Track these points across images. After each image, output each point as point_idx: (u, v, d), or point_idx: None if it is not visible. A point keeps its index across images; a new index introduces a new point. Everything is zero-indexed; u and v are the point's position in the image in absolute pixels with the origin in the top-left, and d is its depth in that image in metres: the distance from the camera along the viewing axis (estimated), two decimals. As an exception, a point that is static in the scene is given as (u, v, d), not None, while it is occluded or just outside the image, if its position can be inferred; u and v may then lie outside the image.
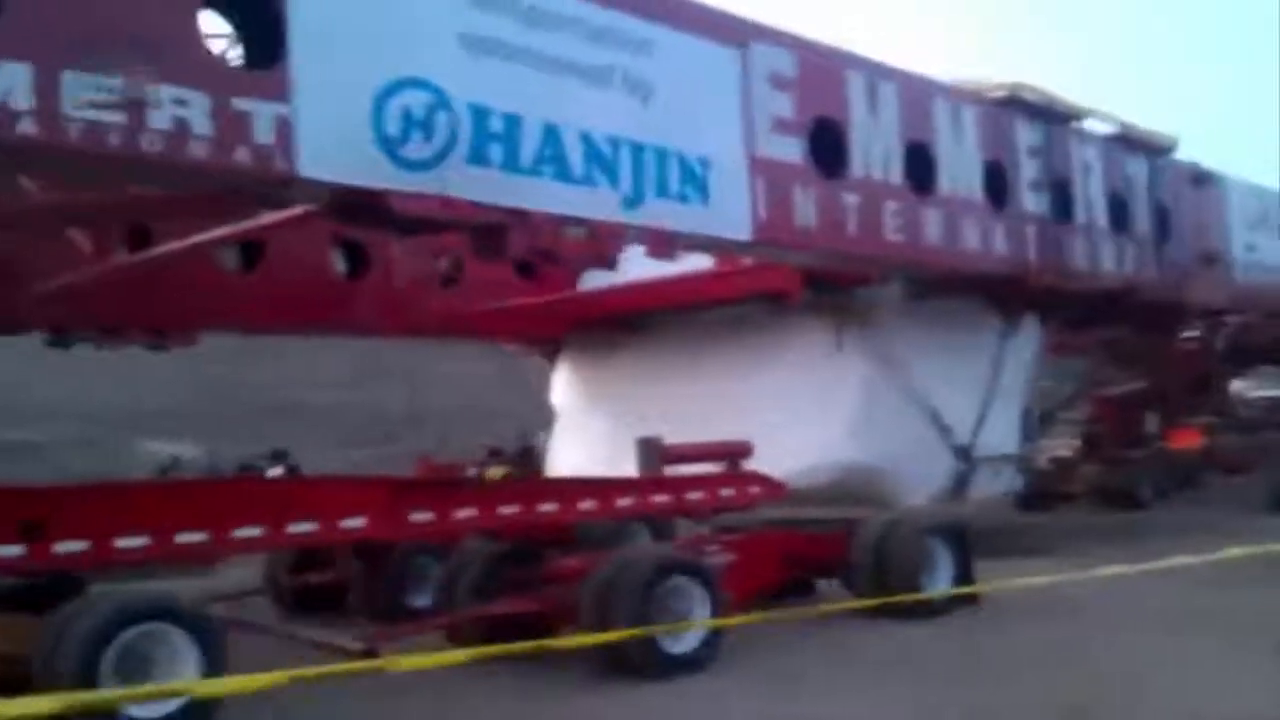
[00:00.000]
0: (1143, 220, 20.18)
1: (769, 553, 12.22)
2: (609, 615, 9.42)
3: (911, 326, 17.74)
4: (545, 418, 22.55)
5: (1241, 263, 23.30)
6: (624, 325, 20.91)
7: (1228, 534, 16.77)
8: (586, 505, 10.53)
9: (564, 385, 22.41)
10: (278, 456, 25.77)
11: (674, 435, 19.74)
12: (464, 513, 9.77)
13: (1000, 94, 17.43)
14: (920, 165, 15.90)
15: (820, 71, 14.58)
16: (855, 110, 14.93)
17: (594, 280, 19.97)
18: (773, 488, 12.26)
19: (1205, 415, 30.38)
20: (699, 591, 9.85)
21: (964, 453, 17.86)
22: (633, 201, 12.17)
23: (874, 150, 15.14)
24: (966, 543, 12.58)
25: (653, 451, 11.61)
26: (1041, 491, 24.86)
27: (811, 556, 12.43)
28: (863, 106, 15.05)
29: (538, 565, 10.48)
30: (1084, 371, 24.89)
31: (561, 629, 9.97)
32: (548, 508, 10.28)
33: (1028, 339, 18.45)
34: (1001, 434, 18.26)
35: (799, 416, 17.94)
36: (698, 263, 17.25)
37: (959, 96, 16.71)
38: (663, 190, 12.44)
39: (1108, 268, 19.19)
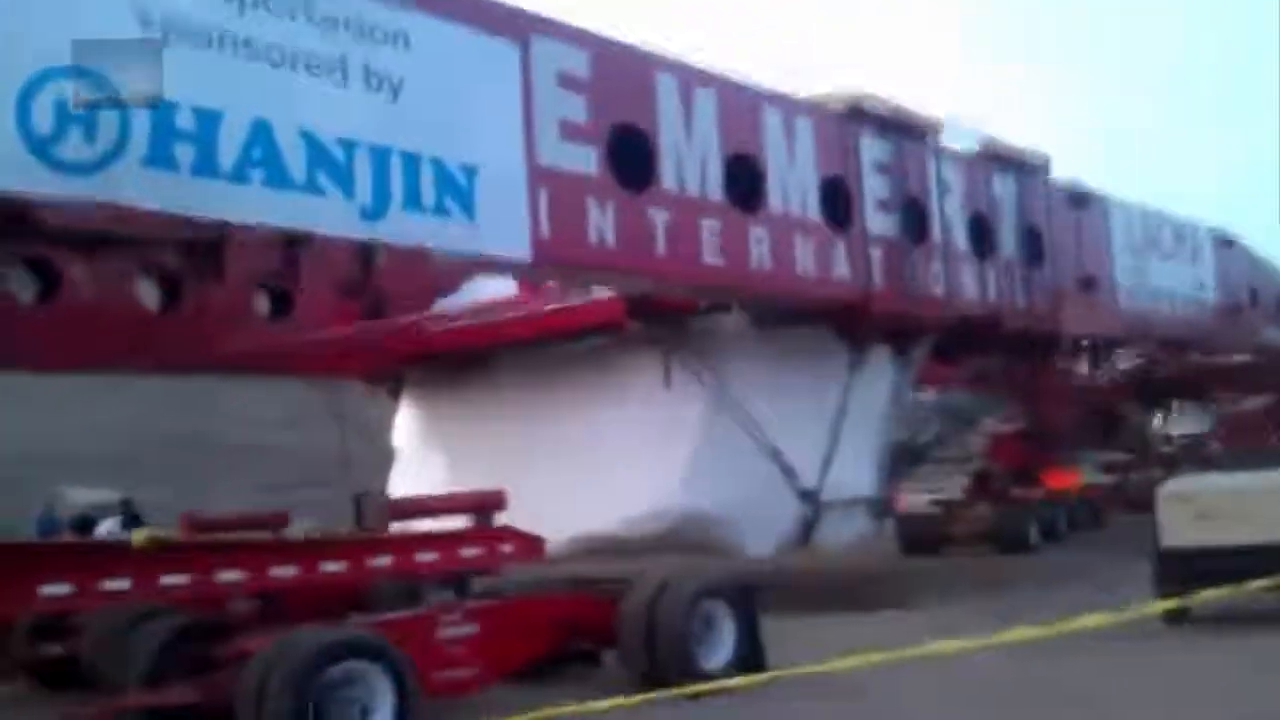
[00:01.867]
0: (1010, 242, 18.82)
1: (529, 621, 10.51)
2: (261, 712, 7.73)
3: (752, 359, 16.16)
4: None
5: (1127, 288, 22.03)
6: (466, 361, 19.23)
7: (1102, 584, 15.41)
8: (280, 572, 8.82)
9: (404, 424, 20.70)
10: (124, 505, 23.79)
11: (509, 481, 18.33)
12: (114, 584, 8.05)
13: (842, 105, 15.98)
14: (745, 180, 14.39)
15: (622, 73, 13.05)
16: (665, 117, 13.40)
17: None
18: (528, 546, 10.59)
19: (1114, 451, 29.20)
20: (381, 680, 8.17)
21: (810, 496, 16.26)
22: (373, 213, 10.50)
23: (688, 162, 13.61)
24: (753, 607, 10.95)
25: (376, 506, 9.93)
26: (926, 534, 23.42)
27: (584, 623, 10.75)
28: (674, 113, 13.52)
29: (220, 644, 8.76)
30: (961, 407, 23.45)
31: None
32: (229, 576, 8.56)
33: (880, 371, 16.93)
34: (852, 475, 16.68)
35: (631, 459, 16.31)
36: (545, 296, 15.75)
37: (793, 107, 15.23)
38: (413, 201, 10.79)
39: (968, 293, 17.77)
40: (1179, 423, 32.48)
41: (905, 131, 16.82)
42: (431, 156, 10.95)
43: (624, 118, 12.96)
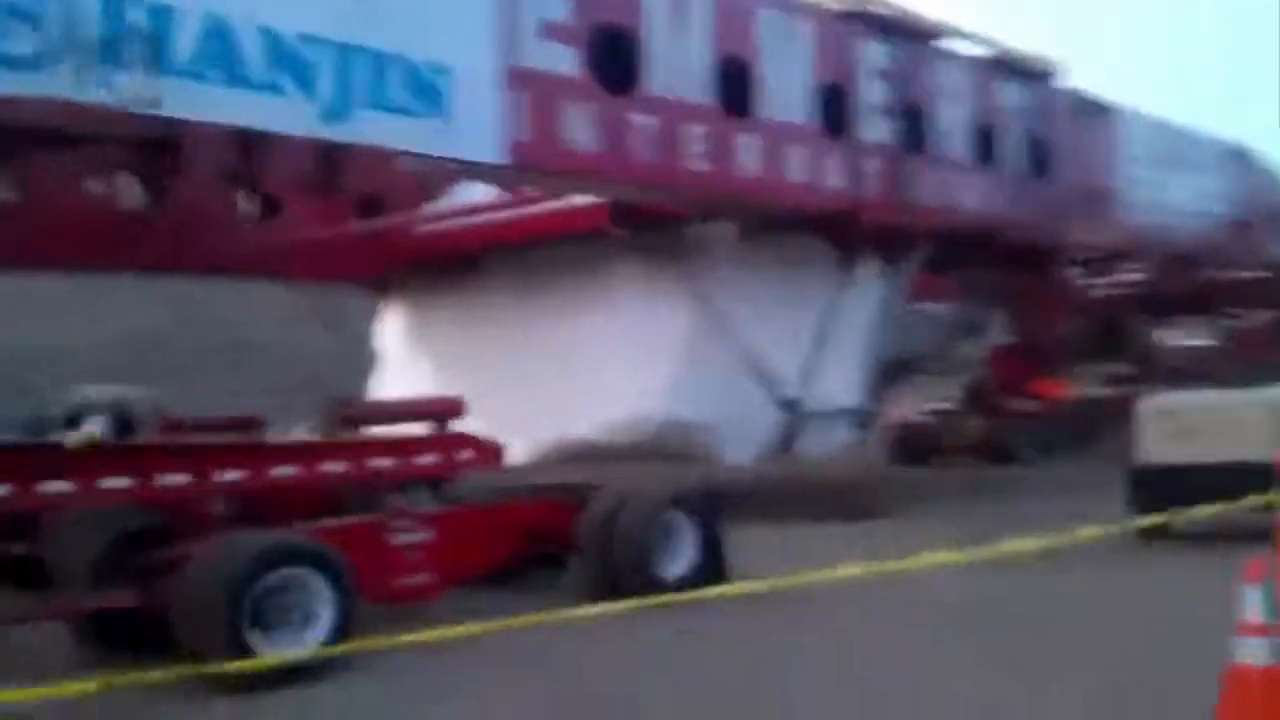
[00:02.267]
0: (1014, 153, 18.37)
1: (488, 527, 10.43)
2: (197, 618, 7.68)
3: (738, 268, 15.87)
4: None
5: (1135, 201, 21.56)
6: (455, 264, 18.98)
7: (1086, 499, 15.25)
8: (226, 476, 8.72)
9: (390, 329, 20.55)
10: (115, 406, 23.73)
11: (495, 386, 18.23)
12: (53, 486, 7.96)
13: (842, 6, 15.48)
14: (735, 84, 14.00)
15: (610, -30, 12.61)
16: (651, 17, 12.98)
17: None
18: (486, 453, 10.45)
19: (1116, 364, 28.90)
20: (321, 586, 8.09)
21: (791, 405, 16.08)
22: (335, 113, 10.22)
23: (675, 65, 13.21)
24: (717, 518, 10.84)
25: (331, 411, 9.79)
26: (918, 445, 23.31)
27: (546, 530, 10.66)
28: (661, 13, 13.09)
29: (164, 548, 8.69)
30: (958, 319, 23.12)
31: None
32: (172, 479, 8.46)
33: (869, 282, 16.62)
34: (836, 386, 16.46)
35: (614, 366, 16.15)
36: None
37: (791, 7, 14.75)
38: (379, 101, 10.49)
39: (968, 204, 17.39)
40: (1187, 337, 32.13)
41: (908, 35, 16.32)
42: (400, 55, 10.61)
43: (608, 17, 12.56)
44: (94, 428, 21.09)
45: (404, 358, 20.07)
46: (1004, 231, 17.95)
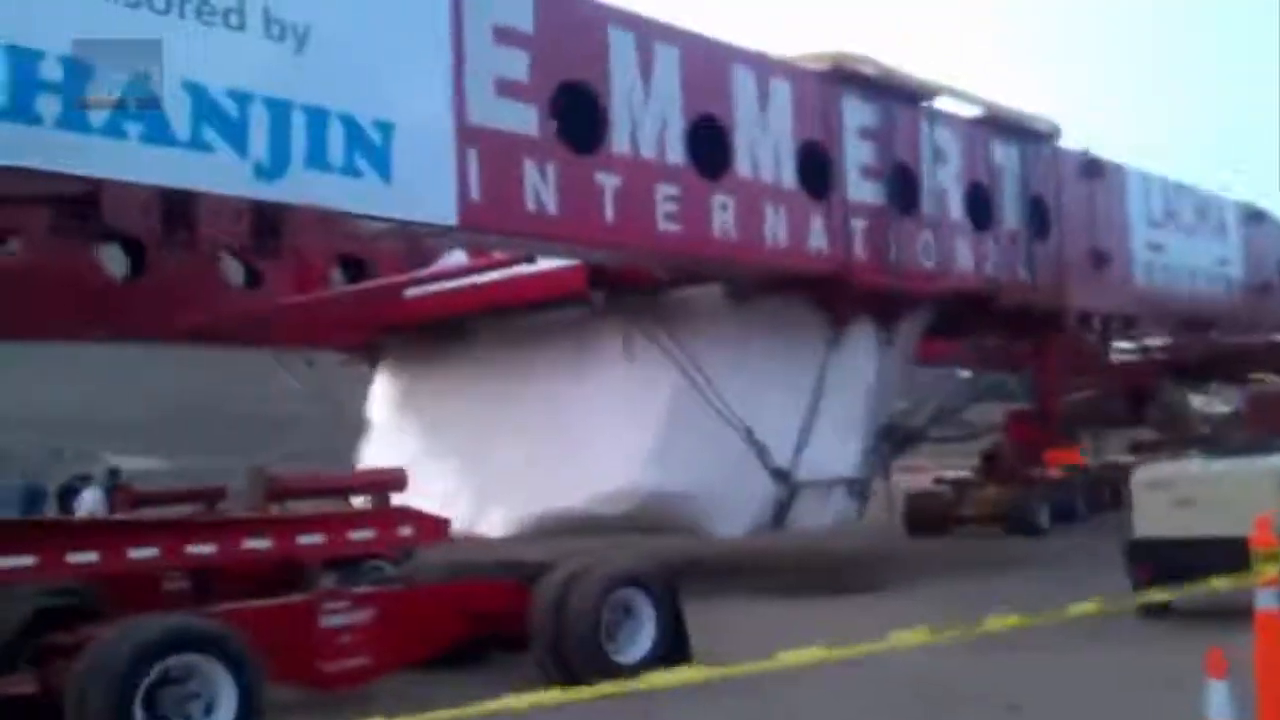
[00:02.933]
0: (1011, 214, 17.82)
1: (431, 608, 9.80)
2: (88, 707, 7.09)
3: (724, 332, 15.36)
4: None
5: (1144, 263, 20.94)
6: (442, 330, 18.59)
7: (1104, 563, 14.51)
8: (138, 554, 8.17)
9: (378, 394, 20.17)
10: (111, 475, 23.39)
11: (479, 455, 17.75)
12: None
13: (825, 66, 15.06)
14: (710, 144, 13.56)
15: (570, 27, 12.24)
16: (619, 76, 12.57)
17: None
18: (430, 528, 9.84)
19: (1142, 430, 28.12)
20: (220, 674, 7.47)
21: (783, 476, 15.43)
22: (270, 171, 9.78)
23: (644, 124, 12.78)
24: (676, 597, 10.16)
25: (258, 482, 9.24)
26: (933, 514, 22.55)
27: (497, 611, 10.02)
28: (630, 72, 12.68)
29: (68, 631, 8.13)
30: (968, 385, 22.41)
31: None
32: (79, 558, 7.91)
33: (862, 346, 16.01)
34: (831, 454, 15.79)
35: (597, 436, 15.64)
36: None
37: (768, 67, 14.33)
38: (318, 160, 10.05)
39: (962, 266, 16.82)
40: (1218, 402, 31.27)
41: (895, 95, 15.86)
42: (341, 112, 10.20)
43: (571, 75, 12.15)
44: (93, 504, 20.77)
45: (391, 425, 19.69)
46: (1003, 294, 17.33)
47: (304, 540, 9.17)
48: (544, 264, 15.02)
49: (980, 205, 17.21)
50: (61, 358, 25.45)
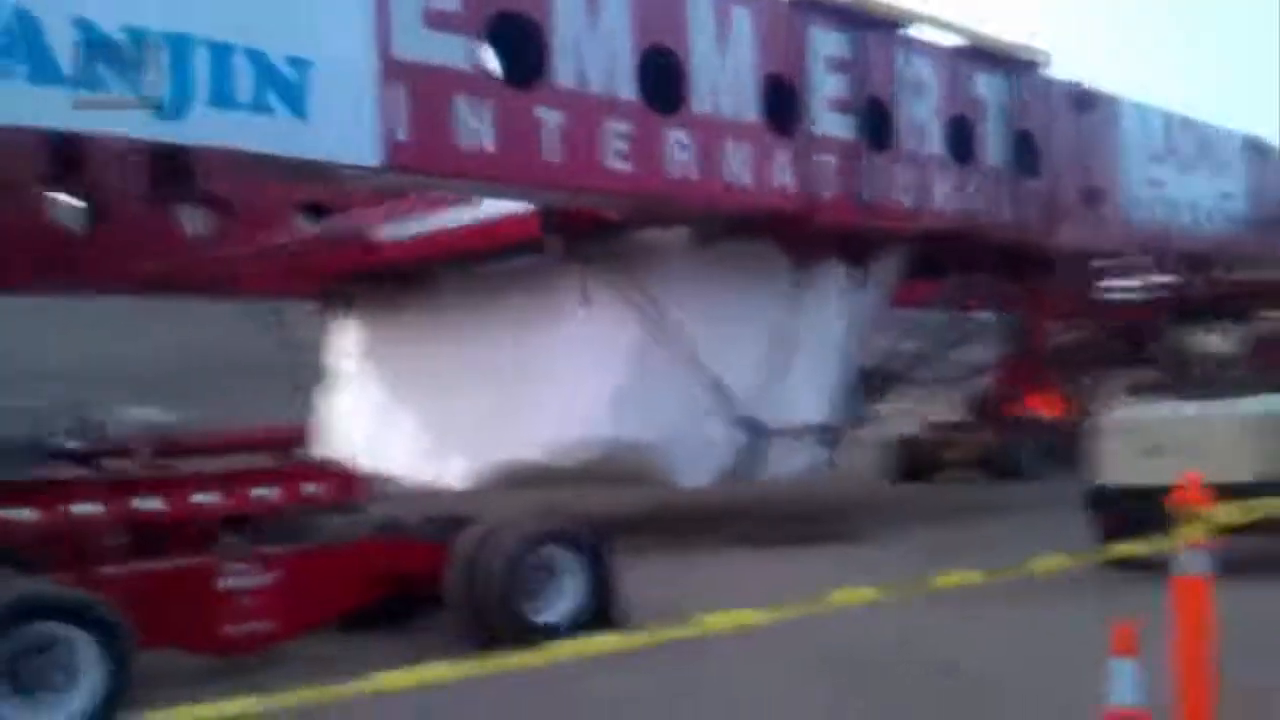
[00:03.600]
0: (996, 148, 17.11)
1: (340, 568, 9.37)
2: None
3: (686, 276, 14.78)
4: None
5: (1140, 200, 20.20)
6: (409, 278, 18.09)
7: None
8: (17, 514, 7.77)
9: (345, 343, 19.74)
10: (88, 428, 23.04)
11: (443, 406, 17.30)
12: None
13: (793, -7, 14.36)
14: (662, 77, 12.94)
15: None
16: (560, 4, 11.93)
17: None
18: (344, 485, 9.40)
19: (1142, 373, 27.38)
20: (85, 643, 7.06)
21: (750, 424, 14.94)
22: (170, 111, 9.26)
23: (589, 56, 12.17)
24: (604, 554, 9.70)
25: (144, 442, 8.79)
26: (918, 460, 22.02)
27: (411, 571, 9.59)
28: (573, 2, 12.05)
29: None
30: (951, 327, 21.66)
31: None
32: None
33: (832, 288, 15.43)
34: (800, 401, 15.29)
35: (557, 384, 15.14)
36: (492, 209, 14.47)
37: (729, -4, 13.66)
38: (223, 98, 9.52)
39: (943, 204, 16.17)
40: (1216, 344, 30.34)
41: (868, 23, 15.15)
42: (249, 47, 9.66)
43: (507, 4, 11.54)
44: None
45: (358, 374, 19.29)
46: (987, 233, 16.68)
47: (200, 499, 8.75)
48: (495, 209, 14.51)
49: (961, 140, 16.52)
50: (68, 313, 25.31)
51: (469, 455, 16.18)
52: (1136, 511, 10.58)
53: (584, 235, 14.41)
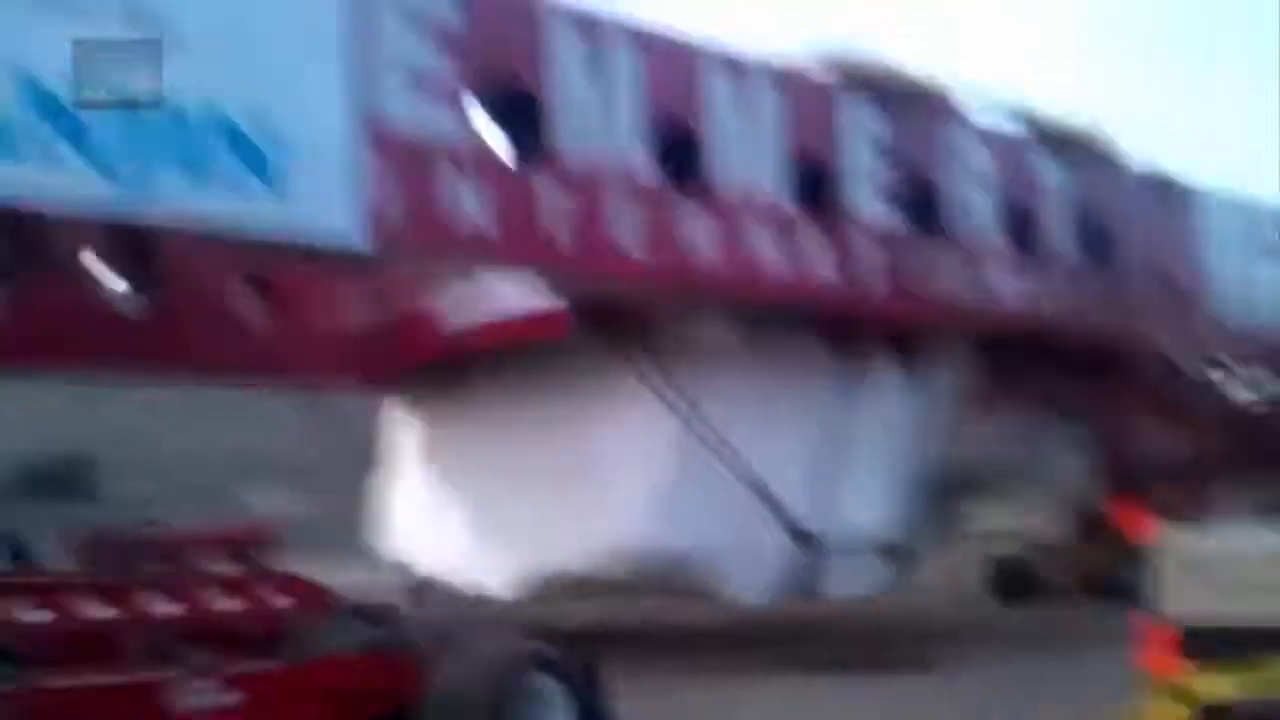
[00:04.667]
0: (1064, 238, 16.01)
1: (315, 687, 8.35)
2: None
3: (729, 373, 13.80)
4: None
5: (1226, 295, 18.78)
6: (459, 370, 17.38)
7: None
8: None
9: (398, 437, 19.10)
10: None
11: (487, 503, 16.41)
12: None
13: (827, 68, 13.62)
14: (683, 155, 12.22)
15: (504, 17, 11.02)
16: (563, 74, 11.30)
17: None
18: (309, 596, 8.44)
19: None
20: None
21: (804, 536, 13.75)
22: (132, 182, 8.69)
23: (597, 131, 11.48)
24: (597, 683, 8.56)
25: (80, 541, 7.99)
26: (1016, 578, 20.47)
27: (391, 692, 8.55)
28: (576, 70, 11.40)
29: None
30: (1034, 432, 20.21)
31: None
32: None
33: (887, 389, 14.32)
34: (859, 511, 14.05)
35: (594, 489, 14.18)
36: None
37: (745, 66, 12.88)
38: (191, 172, 8.94)
39: (1004, 297, 15.06)
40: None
41: (917, 103, 14.31)
42: (216, 117, 9.10)
43: (505, 72, 10.94)
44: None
45: (408, 471, 18.58)
46: (1058, 330, 15.46)
47: (157, 609, 7.87)
48: (525, 300, 13.81)
49: (1024, 228, 15.46)
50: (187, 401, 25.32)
51: (511, 561, 15.23)
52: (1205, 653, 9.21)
53: (618, 329, 13.57)
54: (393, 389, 18.82)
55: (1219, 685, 5.35)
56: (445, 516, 17.12)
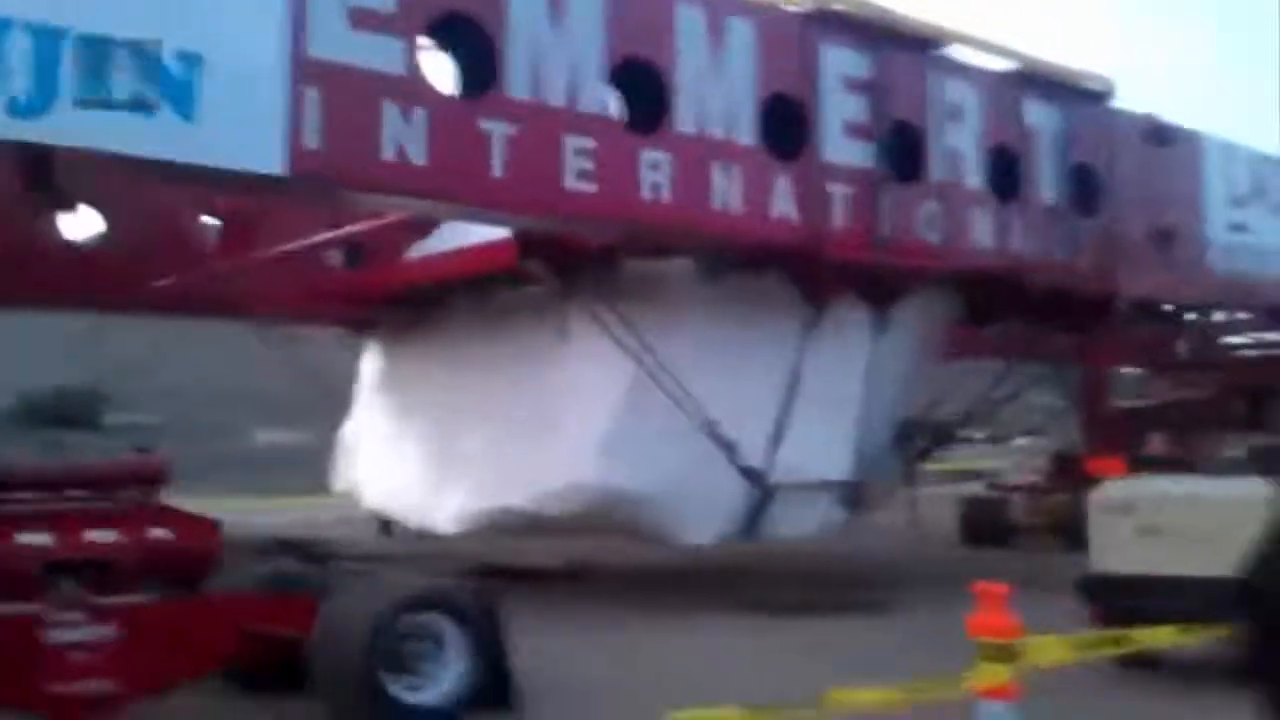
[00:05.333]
0: (1048, 183, 15.54)
1: (199, 623, 8.27)
2: None
3: (686, 313, 13.54)
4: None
5: (1222, 244, 18.33)
6: (424, 305, 17.23)
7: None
8: None
9: (364, 372, 19.03)
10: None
11: (444, 440, 16.31)
12: None
13: (804, 5, 13.10)
14: (642, 92, 11.80)
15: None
16: (515, 7, 10.85)
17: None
18: (192, 531, 8.27)
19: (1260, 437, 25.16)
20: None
21: (756, 476, 13.55)
22: (27, 108, 8.38)
23: (550, 65, 11.05)
24: (496, 624, 8.42)
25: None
26: (988, 523, 20.25)
27: (274, 629, 8.42)
28: (532, 3, 10.96)
29: None
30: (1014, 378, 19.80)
31: None
32: None
33: (852, 333, 13.97)
34: (814, 453, 13.79)
35: (544, 428, 14.03)
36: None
37: (724, 4, 12.45)
38: (95, 92, 8.62)
39: (979, 242, 14.66)
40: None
41: (897, 43, 13.79)
42: (129, 40, 8.75)
43: (451, 4, 10.51)
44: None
45: (370, 405, 18.56)
46: (1033, 275, 15.08)
47: (26, 540, 7.73)
48: (476, 235, 13.52)
49: (1006, 172, 14.99)
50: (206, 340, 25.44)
51: (458, 497, 15.15)
52: (1128, 604, 9.04)
53: (568, 265, 13.28)
54: (355, 327, 18.77)
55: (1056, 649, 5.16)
56: (401, 452, 17.10)
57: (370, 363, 18.75)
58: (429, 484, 15.86)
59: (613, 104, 11.78)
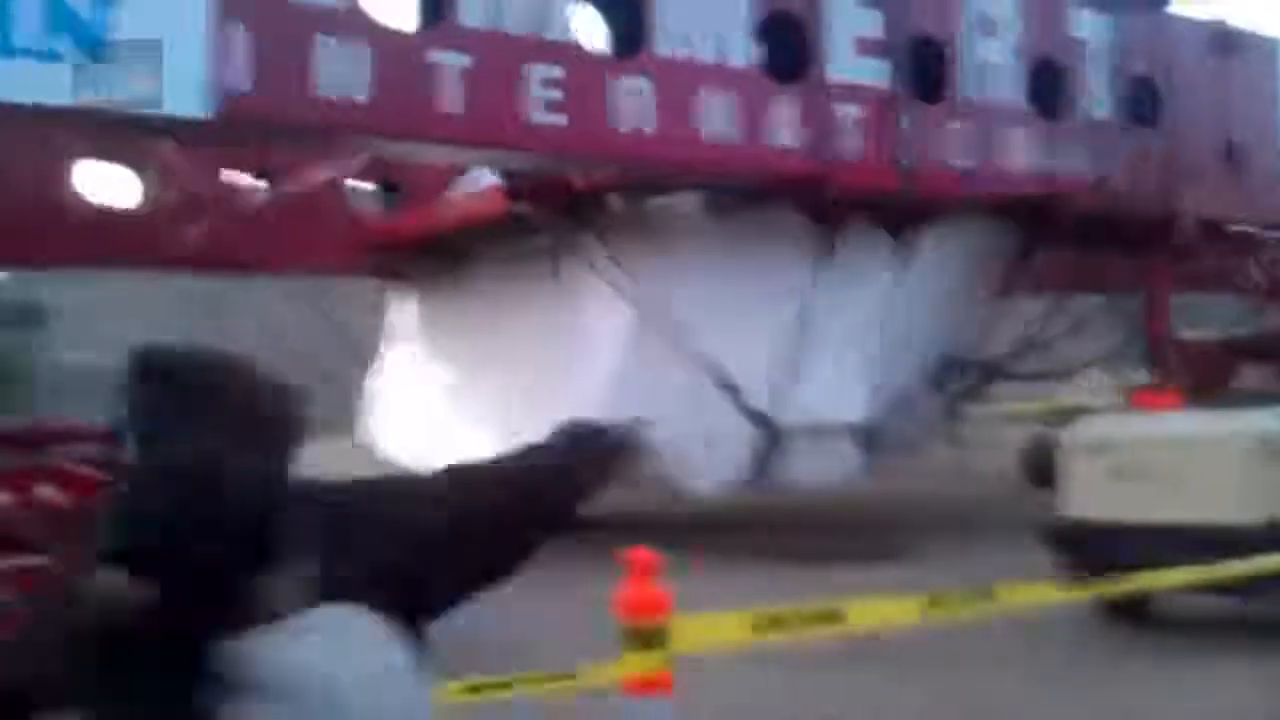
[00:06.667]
0: (1100, 99, 14.29)
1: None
2: None
3: (688, 252, 12.74)
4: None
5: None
6: (447, 257, 16.64)
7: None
8: None
9: (391, 322, 18.57)
10: None
11: (463, 390, 15.82)
12: None
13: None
14: (618, 11, 10.95)
15: None
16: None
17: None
18: (80, 487, 7.79)
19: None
20: None
21: (762, 421, 12.75)
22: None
23: (513, -12, 10.25)
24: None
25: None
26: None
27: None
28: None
29: None
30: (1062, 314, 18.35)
31: None
32: None
33: (869, 265, 12.99)
34: (829, 395, 12.92)
35: (545, 378, 13.36)
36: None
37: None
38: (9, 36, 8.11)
39: (1016, 165, 13.54)
40: None
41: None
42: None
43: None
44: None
45: (396, 357, 18.11)
46: (1080, 199, 13.89)
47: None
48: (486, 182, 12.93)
49: (1050, 87, 13.80)
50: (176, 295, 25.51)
51: (470, 450, 14.62)
52: (1098, 552, 8.20)
53: (558, 207, 12.54)
54: (368, 275, 18.24)
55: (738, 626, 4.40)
56: (413, 402, 16.69)
57: (397, 314, 18.23)
58: (445, 438, 15.38)
59: (588, 26, 10.92)
